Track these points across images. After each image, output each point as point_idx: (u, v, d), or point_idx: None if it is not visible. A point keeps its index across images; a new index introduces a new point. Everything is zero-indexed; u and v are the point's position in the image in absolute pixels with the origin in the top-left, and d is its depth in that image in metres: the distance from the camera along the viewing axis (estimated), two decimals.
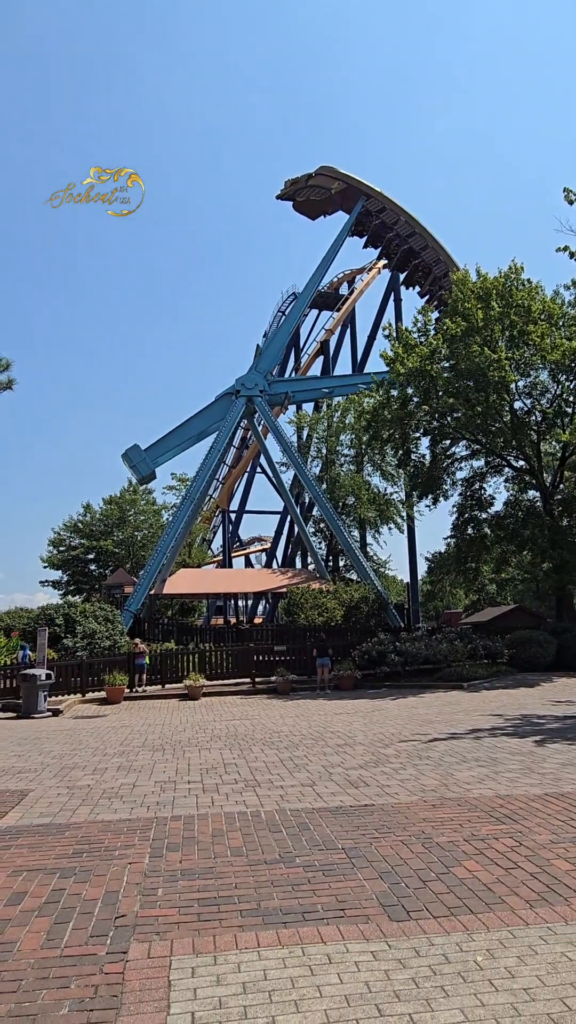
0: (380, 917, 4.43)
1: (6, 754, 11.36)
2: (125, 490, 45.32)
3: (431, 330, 26.32)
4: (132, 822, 6.77)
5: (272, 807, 7.17)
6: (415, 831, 6.21)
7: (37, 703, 17.26)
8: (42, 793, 8.20)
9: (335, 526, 32.51)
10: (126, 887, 5.04)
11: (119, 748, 11.51)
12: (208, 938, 4.18)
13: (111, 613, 25.65)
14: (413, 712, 15.13)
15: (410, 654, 22.36)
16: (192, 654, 23.41)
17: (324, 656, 21.47)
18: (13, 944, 4.18)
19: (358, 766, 9.24)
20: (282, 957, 3.92)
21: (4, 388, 17.05)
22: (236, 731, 13.08)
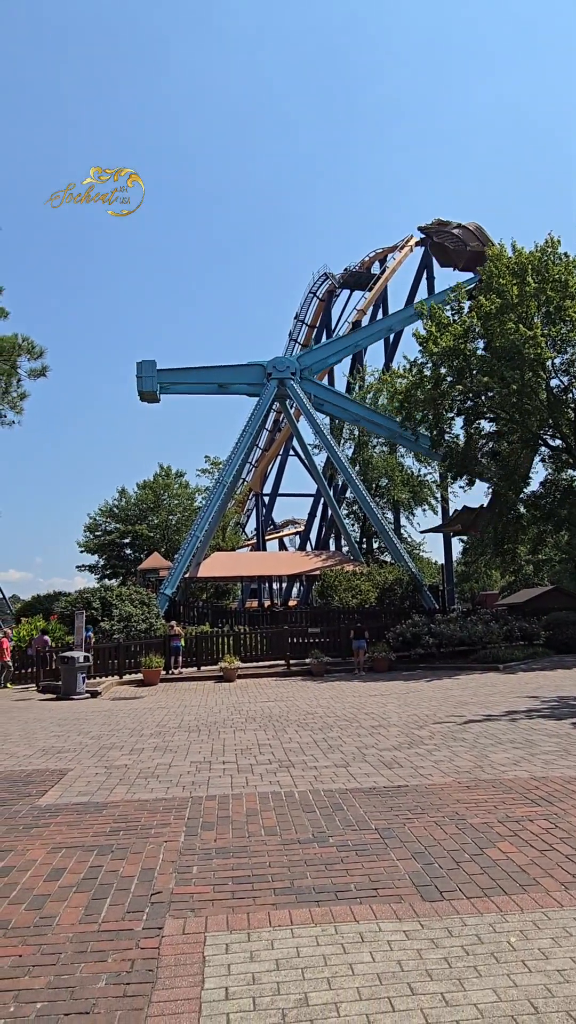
0: (413, 897, 4.44)
1: (46, 734, 11.61)
2: (158, 475, 45.67)
3: (465, 308, 25.86)
4: (168, 801, 6.87)
5: (306, 787, 7.22)
6: (449, 812, 6.19)
7: (76, 685, 17.60)
8: (81, 772, 8.36)
9: (368, 508, 32.34)
10: (162, 864, 5.12)
11: (155, 729, 11.68)
12: (242, 915, 4.24)
13: (147, 596, 25.94)
14: (448, 694, 15.07)
15: (445, 636, 22.26)
16: (227, 636, 23.60)
17: (360, 639, 21.70)
18: (52, 918, 4.28)
19: (392, 747, 9.25)
20: (315, 935, 3.95)
21: (38, 375, 17.24)
22: (270, 712, 13.18)
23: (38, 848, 5.57)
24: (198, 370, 33.25)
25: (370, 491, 35.24)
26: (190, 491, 45.83)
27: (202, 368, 33.36)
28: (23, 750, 10.15)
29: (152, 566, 33.93)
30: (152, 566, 33.93)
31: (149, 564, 34.56)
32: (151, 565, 34.16)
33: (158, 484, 45.02)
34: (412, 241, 49.86)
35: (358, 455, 38.12)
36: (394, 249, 50.65)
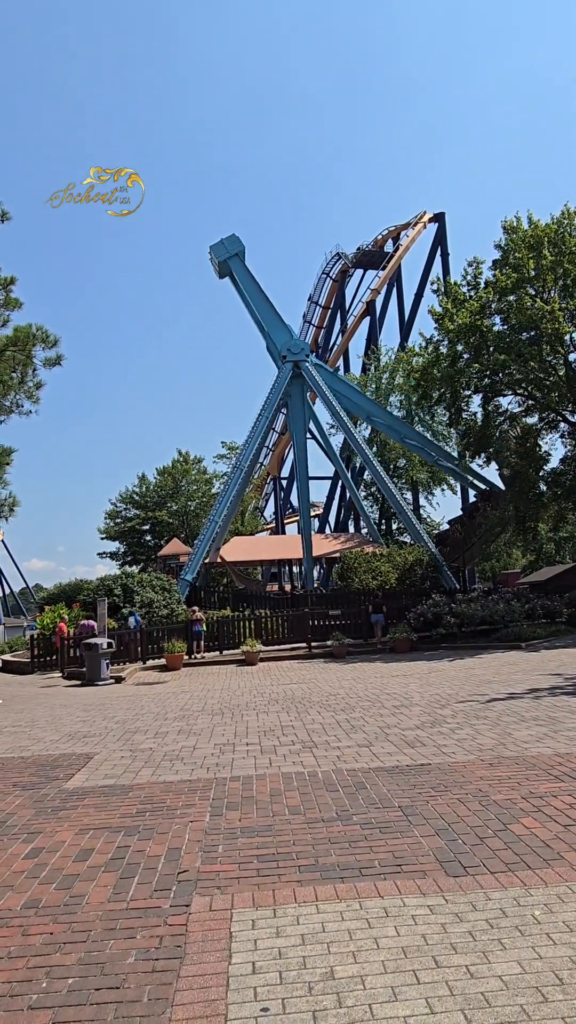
0: (437, 872, 4.47)
1: (72, 720, 11.77)
2: (177, 460, 45.80)
3: (481, 283, 25.53)
4: (192, 783, 6.95)
5: (329, 767, 7.27)
6: (472, 789, 6.21)
7: (100, 671, 17.80)
8: (107, 756, 8.48)
9: (386, 489, 32.22)
10: (187, 844, 5.19)
11: (179, 713, 11.80)
12: (267, 892, 4.29)
13: (167, 582, 26.11)
14: (470, 673, 15.06)
15: (466, 615, 22.20)
16: (248, 620, 23.71)
17: (379, 613, 22.26)
18: (82, 897, 4.37)
19: (414, 727, 9.27)
20: (340, 911, 4.00)
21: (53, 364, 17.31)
22: (293, 694, 13.25)
23: (66, 830, 5.67)
24: (260, 291, 33.18)
25: (388, 472, 35.10)
26: (208, 476, 45.93)
27: (262, 293, 33.22)
28: (50, 735, 10.30)
29: (172, 552, 34.15)
30: (172, 552, 34.15)
31: (169, 550, 34.79)
32: (171, 551, 34.39)
33: (177, 470, 45.20)
34: (425, 218, 49.26)
35: (375, 436, 37.95)
36: (407, 226, 50.06)
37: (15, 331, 16.96)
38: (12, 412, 17.65)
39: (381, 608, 23.05)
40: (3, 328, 16.99)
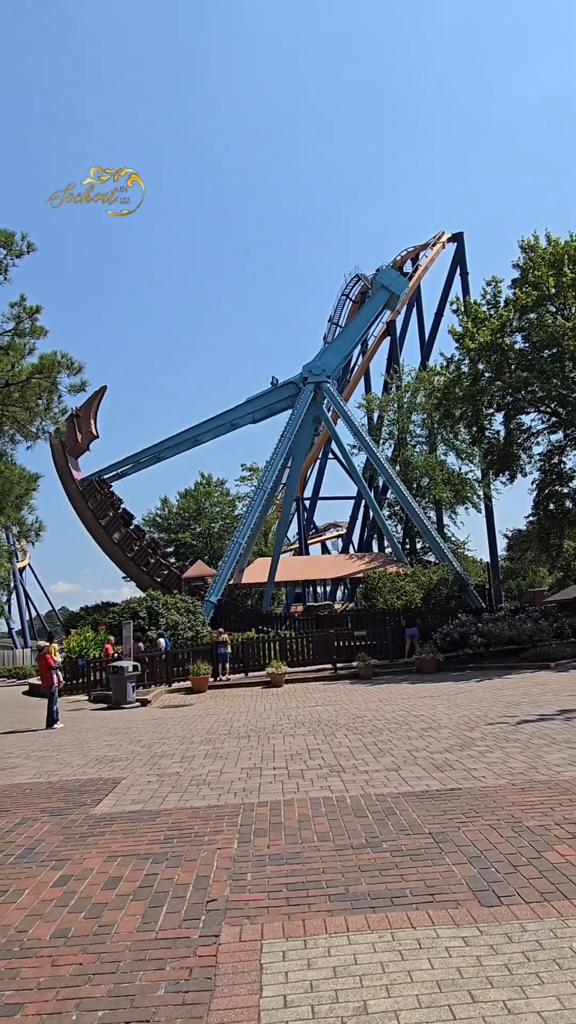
0: (470, 902, 4.37)
1: (99, 743, 11.77)
2: (199, 483, 46.07)
3: (500, 302, 25.52)
4: (220, 808, 6.90)
5: (357, 792, 7.18)
6: (504, 815, 6.09)
7: (126, 694, 17.82)
8: (133, 781, 8.45)
9: (410, 508, 32.12)
10: (216, 872, 5.14)
11: (205, 736, 11.75)
12: (298, 922, 4.22)
13: (192, 604, 26.16)
14: (499, 694, 14.84)
15: (493, 635, 21.94)
16: (273, 642, 23.64)
17: (412, 627, 22.44)
18: (111, 927, 4.33)
19: (443, 750, 9.14)
20: (372, 942, 3.92)
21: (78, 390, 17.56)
22: (319, 717, 13.15)
23: (95, 857, 5.65)
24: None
25: (411, 491, 35.00)
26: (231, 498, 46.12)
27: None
28: (77, 759, 10.31)
29: (197, 574, 34.22)
30: (197, 574, 34.22)
31: (193, 572, 34.86)
32: (195, 573, 34.46)
33: (199, 493, 45.46)
34: (444, 238, 49.50)
35: (398, 455, 37.93)
36: (426, 247, 50.32)
37: (40, 359, 17.24)
38: (38, 438, 17.89)
39: (415, 622, 23.36)
40: (29, 356, 17.27)
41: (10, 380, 17.07)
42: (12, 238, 16.94)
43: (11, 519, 18.81)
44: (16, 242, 16.98)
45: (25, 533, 20.05)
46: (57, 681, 15.38)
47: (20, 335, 17.87)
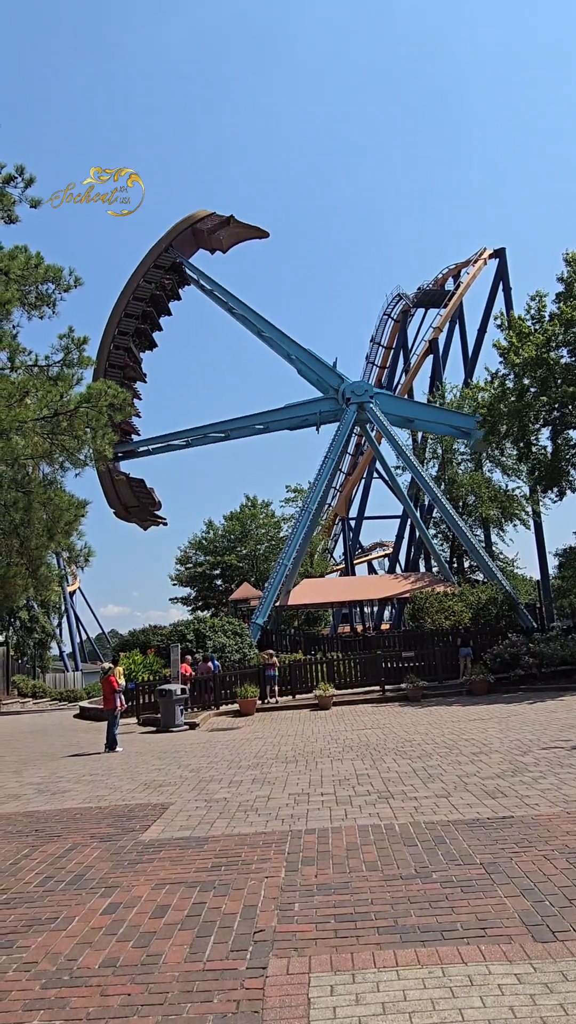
0: (523, 937, 4.25)
1: (148, 768, 11.84)
2: (245, 505, 46.35)
3: (545, 316, 25.22)
4: (267, 835, 6.86)
5: (406, 820, 7.06)
6: (558, 845, 5.92)
7: (175, 717, 17.90)
8: (182, 806, 8.47)
9: (456, 527, 31.73)
10: (263, 901, 5.11)
11: (253, 760, 11.73)
12: (346, 955, 4.17)
13: (239, 627, 26.21)
14: (552, 716, 14.48)
15: (545, 655, 21.43)
16: (320, 663, 23.52)
17: (467, 646, 22.31)
18: (159, 956, 4.34)
19: (495, 775, 8.94)
20: (421, 977, 3.84)
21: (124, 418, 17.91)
22: (367, 740, 13.01)
23: (143, 884, 5.67)
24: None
25: (457, 509, 34.60)
26: (276, 520, 46.24)
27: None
28: (126, 784, 10.39)
29: (243, 596, 34.33)
30: (243, 596, 34.33)
31: (240, 594, 34.99)
32: (242, 595, 34.58)
33: (245, 515, 45.69)
34: (486, 254, 49.24)
35: (442, 473, 37.57)
36: (467, 264, 50.11)
37: (88, 388, 17.67)
38: (86, 465, 18.28)
39: (468, 642, 23.18)
40: (77, 386, 17.72)
41: (59, 410, 17.52)
42: (60, 273, 17.48)
43: (61, 545, 19.23)
44: (64, 277, 17.51)
45: (75, 558, 20.44)
46: (120, 705, 15.56)
47: (68, 365, 18.37)
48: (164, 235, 36.08)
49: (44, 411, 17.55)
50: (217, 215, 36.34)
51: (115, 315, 35.30)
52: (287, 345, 34.92)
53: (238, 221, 36.50)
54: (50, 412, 17.54)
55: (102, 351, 34.46)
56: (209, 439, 36.25)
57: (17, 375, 17.97)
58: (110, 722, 15.08)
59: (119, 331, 35.19)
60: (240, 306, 35.84)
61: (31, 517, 17.57)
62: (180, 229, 36.12)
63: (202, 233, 36.52)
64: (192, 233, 36.45)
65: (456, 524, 31.66)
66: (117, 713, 15.25)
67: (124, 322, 35.25)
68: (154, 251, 35.83)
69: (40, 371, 18.50)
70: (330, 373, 34.07)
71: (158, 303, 36.38)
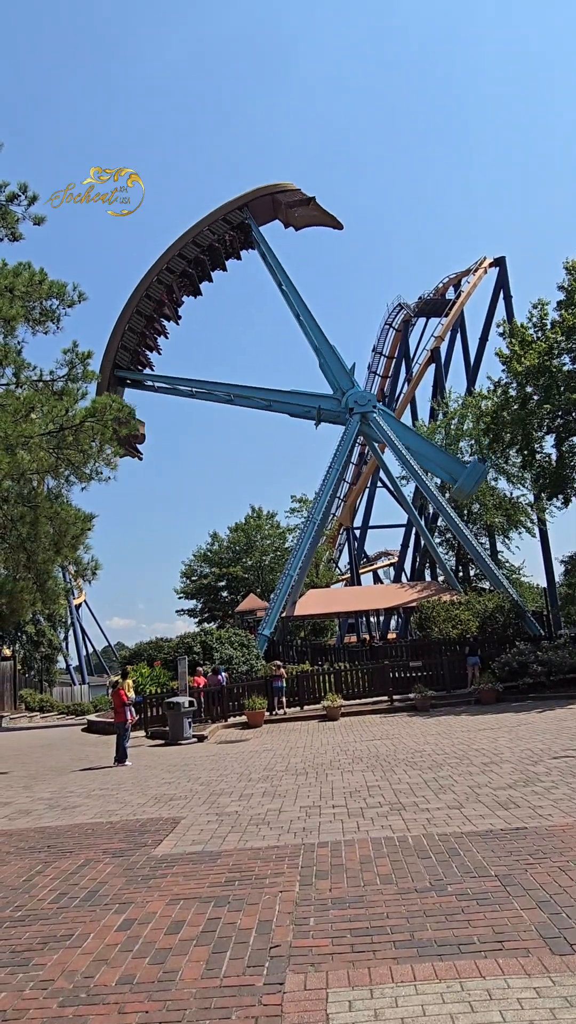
0: (541, 950, 4.23)
1: (158, 781, 11.82)
2: (250, 516, 46.35)
3: (547, 324, 25.28)
4: (280, 849, 6.84)
5: (419, 832, 7.04)
6: (573, 856, 5.89)
7: (183, 730, 17.88)
8: (193, 820, 8.46)
9: (461, 535, 31.71)
10: (278, 916, 5.09)
11: (263, 773, 11.69)
12: (363, 970, 4.15)
13: (246, 638, 26.19)
14: (562, 725, 14.41)
15: (554, 663, 21.35)
16: (328, 674, 23.47)
17: (474, 655, 22.24)
18: (175, 973, 4.33)
19: (506, 786, 8.91)
20: (440, 992, 3.83)
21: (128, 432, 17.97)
22: (377, 752, 12.96)
23: (157, 900, 5.66)
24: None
25: (462, 517, 34.57)
26: (281, 531, 46.22)
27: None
28: (136, 798, 10.37)
29: (249, 607, 34.29)
30: (249, 607, 34.29)
31: (246, 606, 34.96)
32: (248, 606, 34.54)
33: (250, 526, 45.67)
34: (486, 263, 49.45)
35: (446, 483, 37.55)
36: (468, 273, 50.34)
37: (93, 402, 17.74)
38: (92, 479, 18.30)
39: (476, 651, 23.09)
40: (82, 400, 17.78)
41: (64, 424, 17.57)
42: (64, 289, 17.57)
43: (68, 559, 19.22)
44: (68, 293, 17.60)
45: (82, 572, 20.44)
46: (131, 718, 15.54)
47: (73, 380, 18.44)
48: (242, 194, 36.31)
49: (50, 426, 17.60)
50: (301, 192, 36.46)
51: (168, 252, 35.61)
52: (316, 336, 35.02)
53: (318, 204, 36.66)
54: (55, 427, 17.58)
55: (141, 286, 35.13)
56: (213, 396, 36.46)
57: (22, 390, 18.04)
58: (120, 735, 15.06)
59: (167, 267, 35.53)
60: (288, 284, 35.93)
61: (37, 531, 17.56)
62: (261, 193, 36.30)
63: (281, 205, 36.64)
64: (272, 201, 36.55)
65: (461, 532, 31.65)
66: (128, 726, 15.24)
67: (174, 261, 35.51)
68: (227, 206, 36.04)
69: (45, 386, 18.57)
70: (344, 376, 34.14)
71: (215, 255, 36.63)
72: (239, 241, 37.06)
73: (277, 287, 36.52)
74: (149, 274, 35.45)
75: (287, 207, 36.65)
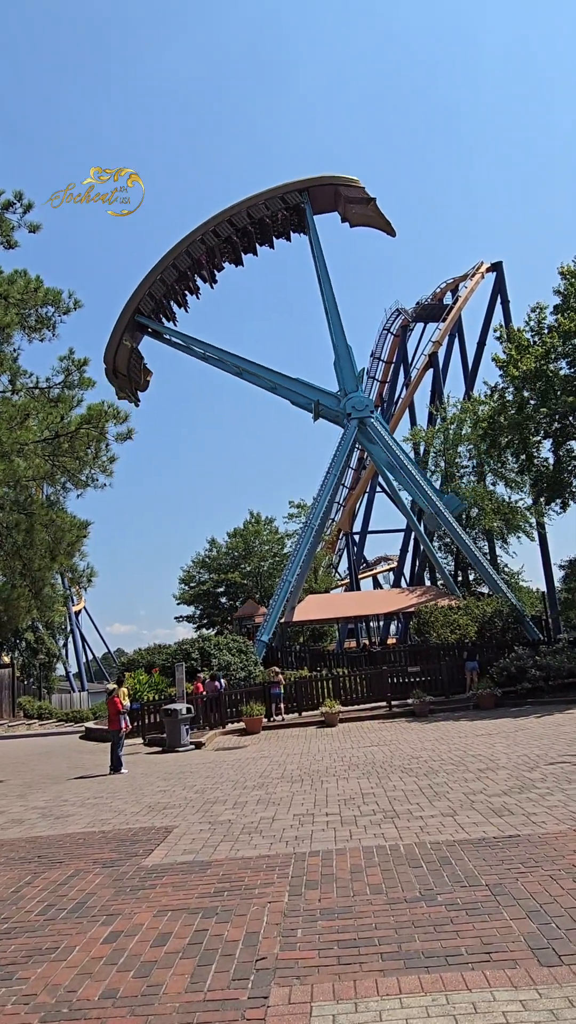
0: (529, 961, 4.18)
1: (152, 789, 11.76)
2: (248, 522, 46.33)
3: (544, 328, 25.29)
4: (271, 858, 6.79)
5: (411, 840, 6.98)
6: (565, 864, 5.84)
7: (180, 737, 17.81)
8: (185, 829, 8.40)
9: (460, 540, 31.67)
10: (266, 927, 5.04)
11: (258, 780, 11.63)
12: (348, 983, 4.10)
13: (244, 644, 26.12)
14: (560, 730, 14.35)
15: (552, 668, 21.28)
16: (326, 680, 23.39)
17: (473, 660, 22.50)
18: (159, 987, 4.28)
19: (501, 792, 8.85)
20: (425, 1005, 3.77)
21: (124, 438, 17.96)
22: (374, 758, 12.90)
23: (145, 912, 5.60)
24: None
25: (460, 522, 34.54)
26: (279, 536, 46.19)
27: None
28: (130, 807, 10.31)
29: (247, 613, 34.27)
30: (247, 613, 34.27)
31: (244, 611, 34.94)
32: (246, 612, 34.52)
33: (248, 531, 45.65)
34: (483, 268, 49.52)
35: (446, 486, 37.55)
36: (465, 278, 50.39)
37: (89, 409, 17.71)
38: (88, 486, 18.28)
39: (475, 656, 23.09)
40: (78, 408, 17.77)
41: (60, 431, 17.56)
42: (60, 296, 17.57)
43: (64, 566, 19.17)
44: (63, 300, 17.61)
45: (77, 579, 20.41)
46: (125, 726, 15.48)
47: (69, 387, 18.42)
48: (305, 178, 36.41)
49: (45, 433, 17.59)
50: (364, 191, 36.29)
51: (218, 216, 35.70)
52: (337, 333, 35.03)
53: (377, 207, 36.63)
54: (51, 434, 17.57)
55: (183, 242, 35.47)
56: (223, 364, 36.55)
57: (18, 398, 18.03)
58: (114, 743, 15.00)
59: (214, 230, 35.65)
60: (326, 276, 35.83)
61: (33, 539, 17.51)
62: (324, 181, 36.28)
63: (341, 198, 36.53)
64: (333, 192, 36.43)
65: (459, 537, 31.61)
66: (122, 734, 15.18)
67: (222, 226, 35.60)
68: (288, 185, 36.06)
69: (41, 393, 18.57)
70: (352, 379, 34.16)
71: (264, 230, 36.71)
72: (291, 223, 37.02)
73: (316, 275, 36.30)
74: (194, 232, 35.59)
75: (347, 201, 36.53)
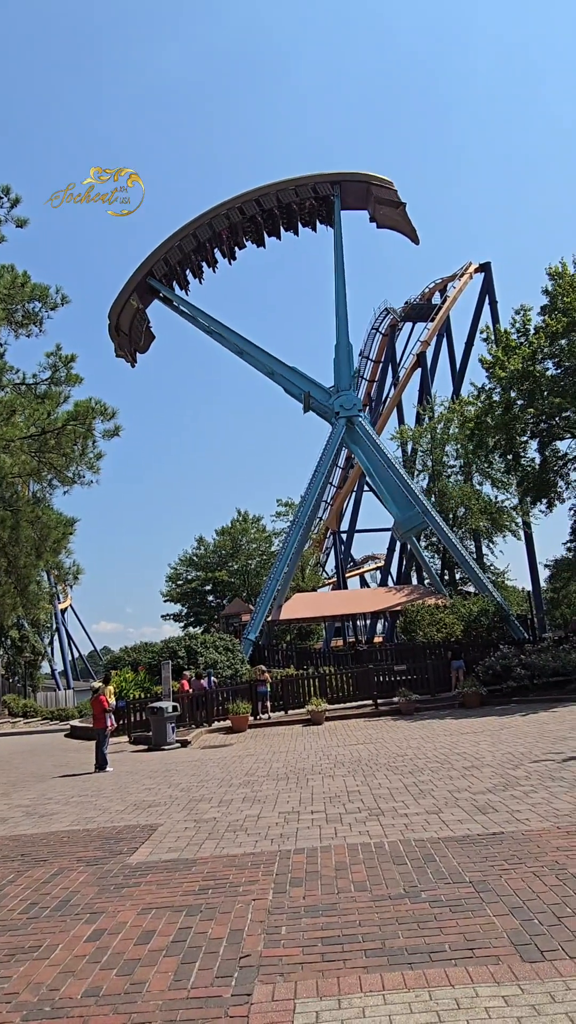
0: (511, 958, 4.20)
1: (138, 788, 11.73)
2: (236, 520, 46.29)
3: (530, 329, 25.43)
4: (256, 856, 6.79)
5: (396, 837, 7.00)
6: (548, 861, 5.88)
7: (166, 735, 17.77)
8: (170, 827, 8.38)
9: (446, 539, 31.79)
10: (250, 925, 5.04)
11: (244, 778, 11.63)
12: (332, 980, 4.11)
13: (231, 642, 26.11)
14: (544, 729, 14.44)
15: (537, 667, 21.40)
16: (312, 679, 23.42)
17: (458, 659, 22.85)
18: (143, 984, 4.26)
19: (486, 790, 8.89)
20: (408, 1001, 3.79)
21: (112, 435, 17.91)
22: (359, 756, 12.93)
23: (129, 910, 5.59)
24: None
25: (447, 521, 34.67)
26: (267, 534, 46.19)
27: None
28: (115, 805, 10.28)
29: (234, 611, 34.25)
30: (234, 611, 34.25)
31: (231, 610, 34.91)
32: (233, 610, 34.50)
33: (236, 530, 45.63)
34: (471, 268, 49.70)
35: (433, 486, 37.69)
36: (453, 278, 50.56)
37: (76, 406, 17.66)
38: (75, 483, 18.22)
39: (460, 654, 23.27)
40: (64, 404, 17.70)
41: (47, 428, 17.49)
42: (47, 292, 17.51)
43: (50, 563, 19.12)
44: (51, 296, 17.54)
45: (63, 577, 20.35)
46: (110, 725, 15.43)
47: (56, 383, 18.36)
48: (339, 171, 36.39)
49: (32, 429, 17.51)
50: (396, 194, 36.23)
51: (245, 195, 35.71)
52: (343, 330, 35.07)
53: (405, 213, 36.69)
54: (38, 430, 17.50)
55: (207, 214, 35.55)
56: (226, 340, 36.59)
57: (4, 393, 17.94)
58: (99, 742, 14.95)
59: (240, 207, 35.63)
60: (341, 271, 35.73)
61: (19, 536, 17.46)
62: (358, 177, 36.19)
63: (372, 197, 36.39)
64: (365, 190, 36.28)
65: (446, 536, 31.72)
66: (107, 733, 15.13)
67: (248, 204, 35.56)
68: (320, 175, 36.06)
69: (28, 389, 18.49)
70: (347, 377, 34.22)
71: (290, 216, 36.67)
72: (319, 213, 36.95)
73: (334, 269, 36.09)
74: (219, 207, 35.60)
75: (376, 201, 36.44)
